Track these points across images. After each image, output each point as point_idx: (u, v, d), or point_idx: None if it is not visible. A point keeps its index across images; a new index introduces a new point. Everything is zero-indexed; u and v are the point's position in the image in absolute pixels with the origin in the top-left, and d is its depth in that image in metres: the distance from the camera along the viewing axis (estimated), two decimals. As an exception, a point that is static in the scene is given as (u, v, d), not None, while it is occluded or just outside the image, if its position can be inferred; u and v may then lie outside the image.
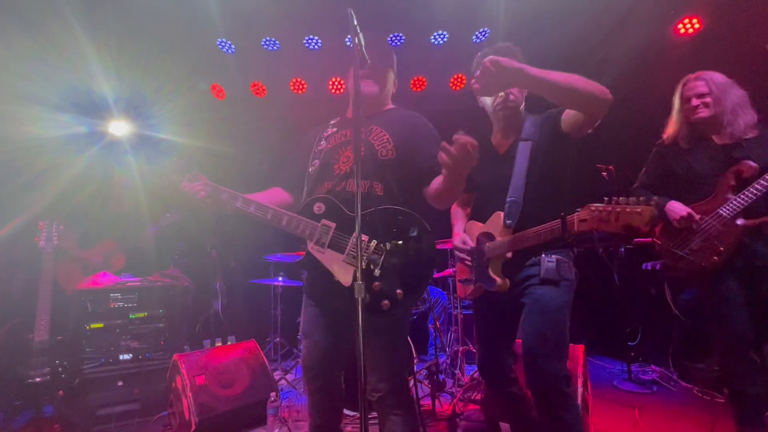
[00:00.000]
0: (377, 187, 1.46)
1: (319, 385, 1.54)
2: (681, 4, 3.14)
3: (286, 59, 3.77)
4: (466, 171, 1.28)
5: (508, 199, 1.58)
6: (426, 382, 2.91)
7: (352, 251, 1.38)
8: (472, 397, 2.76)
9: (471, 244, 1.71)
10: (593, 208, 1.26)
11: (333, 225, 1.42)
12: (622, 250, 3.35)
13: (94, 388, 2.53)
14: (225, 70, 3.83)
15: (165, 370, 2.49)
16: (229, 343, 3.50)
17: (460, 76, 4.07)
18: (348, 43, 3.66)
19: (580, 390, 2.07)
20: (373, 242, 1.38)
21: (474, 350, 3.28)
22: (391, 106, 1.70)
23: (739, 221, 1.75)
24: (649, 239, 3.01)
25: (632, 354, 3.34)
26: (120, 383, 2.60)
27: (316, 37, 3.64)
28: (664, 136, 2.04)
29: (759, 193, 1.71)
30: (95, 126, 3.89)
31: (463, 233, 1.79)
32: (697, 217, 1.83)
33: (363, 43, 1.27)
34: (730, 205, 1.77)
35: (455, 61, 3.88)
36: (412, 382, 2.59)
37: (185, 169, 1.51)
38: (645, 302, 3.56)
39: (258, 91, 4.07)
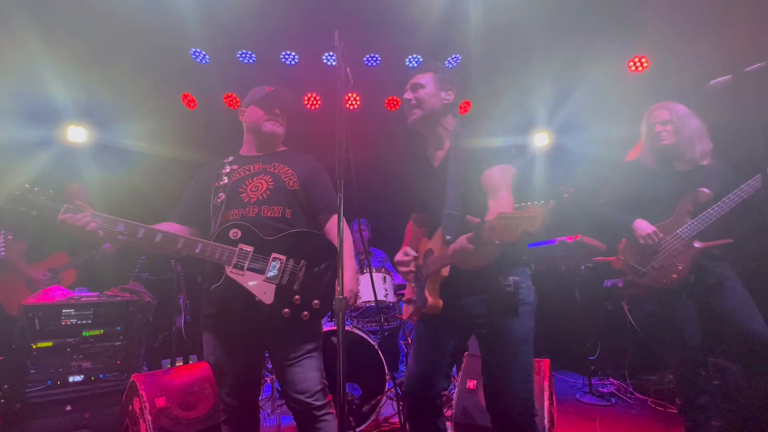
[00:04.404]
0: (288, 212, 1.61)
1: (240, 411, 1.57)
2: (630, 44, 3.45)
3: (262, 73, 3.76)
4: None
5: (446, 213, 1.46)
6: (396, 399, 2.90)
7: (271, 271, 1.48)
8: (442, 414, 2.77)
9: (413, 253, 1.61)
10: (501, 216, 1.11)
11: (251, 249, 1.49)
12: (583, 268, 3.54)
13: (38, 413, 2.31)
14: (198, 80, 3.76)
15: (119, 393, 2.32)
16: (190, 362, 3.33)
17: (432, 98, 4.23)
18: (325, 61, 3.72)
19: (546, 404, 2.14)
20: (291, 260, 1.50)
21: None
22: (284, 147, 1.85)
23: (696, 243, 1.91)
24: (608, 258, 3.20)
25: (592, 368, 3.49)
26: (68, 408, 2.39)
27: (293, 53, 3.68)
28: (630, 158, 2.21)
29: (713, 218, 1.88)
30: (48, 132, 3.67)
31: (407, 247, 1.66)
32: (661, 235, 1.97)
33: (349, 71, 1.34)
34: (688, 227, 1.93)
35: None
36: (384, 400, 2.57)
37: (56, 198, 1.39)
38: (603, 318, 3.76)
39: (231, 103, 4.02)
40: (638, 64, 3.54)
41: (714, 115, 2.02)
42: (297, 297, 1.46)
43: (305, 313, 1.47)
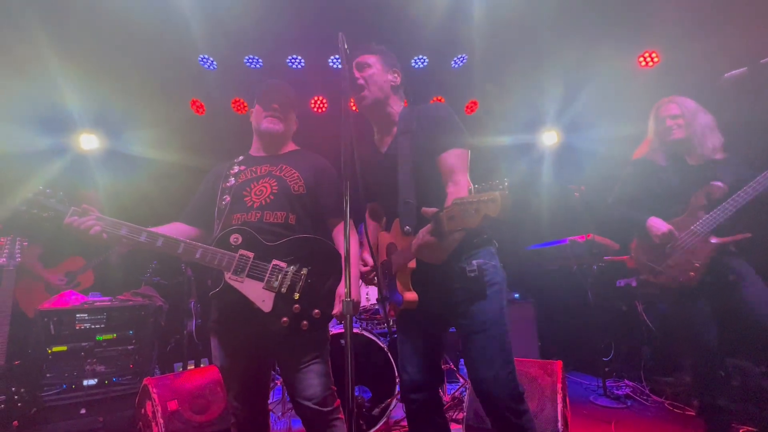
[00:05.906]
0: (292, 218, 1.57)
1: (248, 415, 1.57)
2: (640, 39, 3.39)
3: (269, 77, 3.78)
4: None
5: (402, 201, 1.42)
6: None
7: (271, 278, 1.45)
8: (453, 417, 2.75)
9: (371, 263, 1.60)
10: (457, 202, 1.08)
11: (251, 255, 1.47)
12: (595, 267, 3.48)
13: (54, 416, 2.35)
14: (206, 85, 3.80)
15: (133, 396, 2.35)
16: (202, 366, 3.35)
17: (439, 99, 4.21)
18: (331, 64, 3.73)
19: (559, 406, 2.10)
20: (291, 268, 1.47)
21: (453, 368, 3.28)
22: (294, 147, 1.81)
23: (713, 239, 1.85)
24: (621, 257, 3.14)
25: (606, 369, 3.43)
26: (83, 411, 2.42)
27: (299, 57, 3.70)
28: (638, 155, 2.16)
29: (730, 212, 1.82)
30: (62, 140, 3.74)
31: (367, 253, 1.63)
32: (677, 232, 1.92)
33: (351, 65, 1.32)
34: (704, 223, 1.87)
35: (435, 84, 4.02)
36: (395, 402, 2.56)
37: (65, 201, 1.42)
38: (617, 318, 3.68)
39: (239, 108, 4.06)
40: (649, 59, 3.48)
41: (728, 109, 1.97)
42: (296, 306, 1.44)
43: (304, 322, 1.44)
